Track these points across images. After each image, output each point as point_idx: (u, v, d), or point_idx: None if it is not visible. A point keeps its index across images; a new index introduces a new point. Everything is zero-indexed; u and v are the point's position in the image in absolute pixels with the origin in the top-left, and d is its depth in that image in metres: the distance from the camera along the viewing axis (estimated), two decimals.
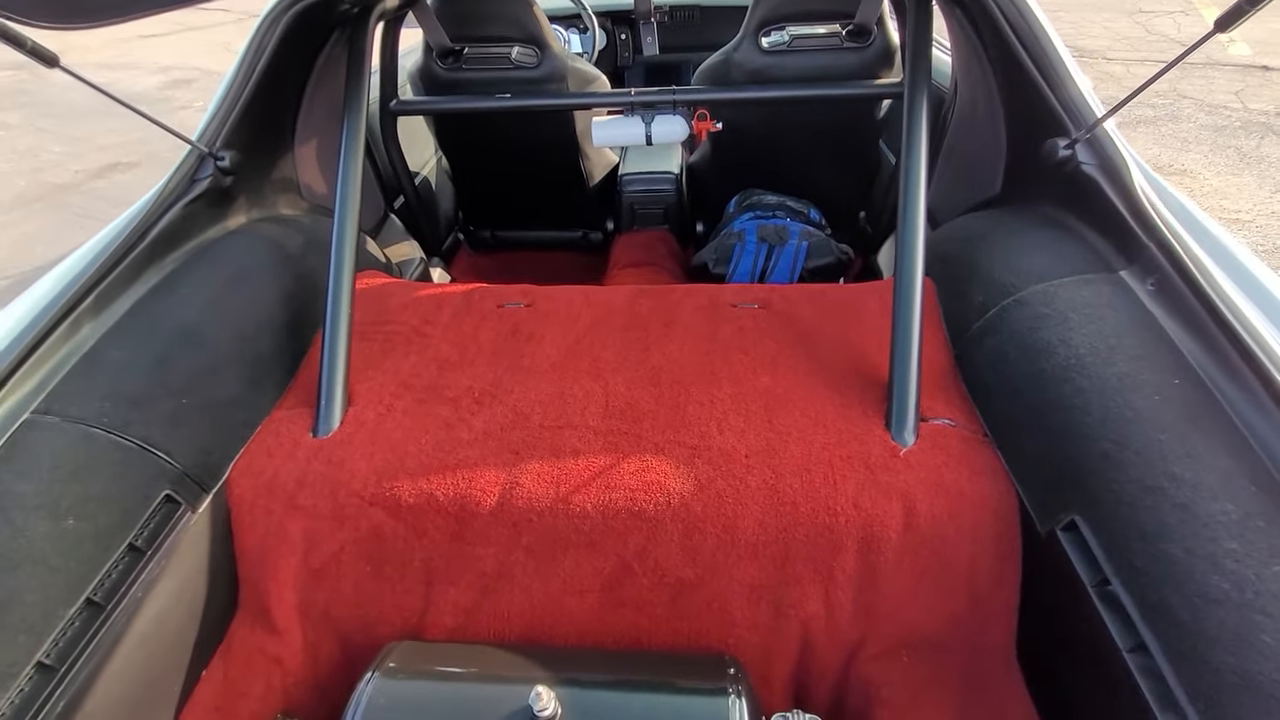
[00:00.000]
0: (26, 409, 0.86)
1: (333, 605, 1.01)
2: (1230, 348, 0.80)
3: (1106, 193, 1.06)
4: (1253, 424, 0.74)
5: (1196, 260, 0.90)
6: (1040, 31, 1.16)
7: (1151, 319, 0.91)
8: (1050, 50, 1.16)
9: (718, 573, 0.95)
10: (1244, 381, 0.77)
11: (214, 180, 1.25)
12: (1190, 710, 0.63)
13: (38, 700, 0.73)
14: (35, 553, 0.77)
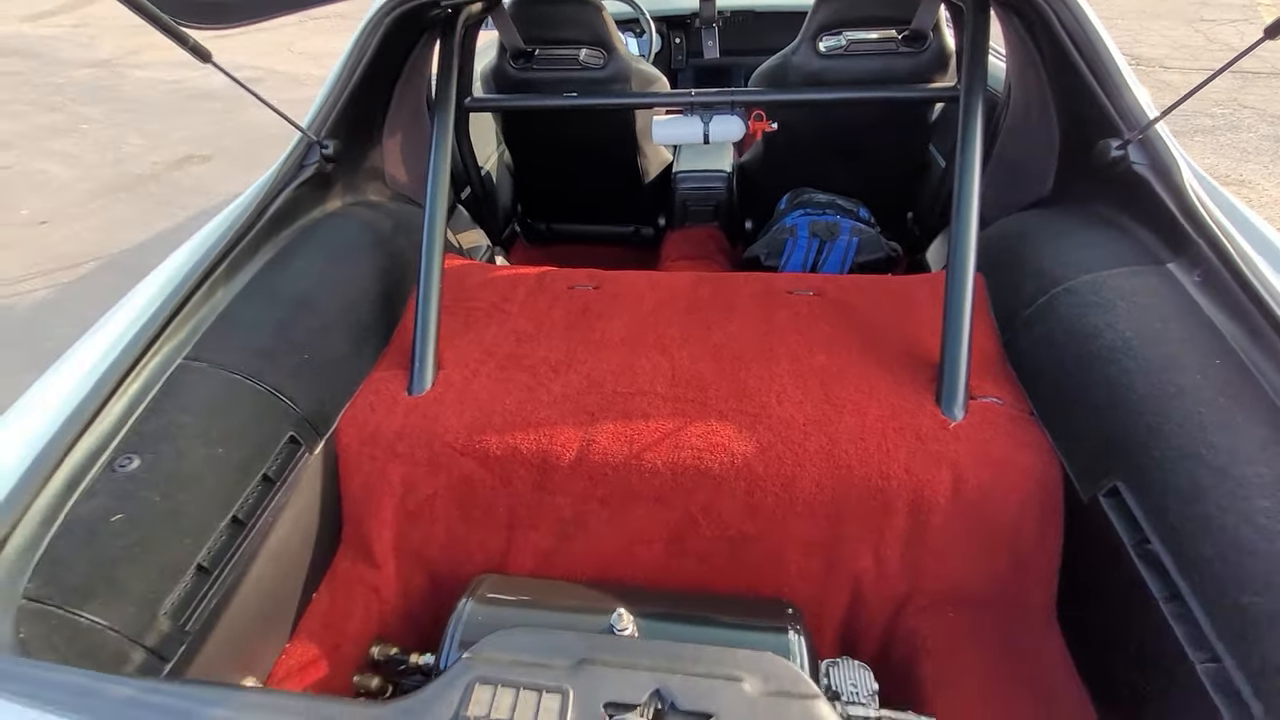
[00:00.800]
0: (179, 355, 0.99)
1: (425, 544, 1.12)
2: (1270, 331, 0.86)
3: (1157, 190, 1.11)
4: None
5: (1242, 253, 0.95)
6: (1096, 38, 1.22)
7: (1196, 307, 0.97)
8: (1105, 56, 1.22)
9: (775, 527, 1.03)
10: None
11: (318, 166, 1.39)
12: (1219, 646, 0.70)
13: (196, 596, 0.86)
14: (195, 473, 0.89)
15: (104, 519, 0.81)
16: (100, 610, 0.76)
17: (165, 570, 0.83)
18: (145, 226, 3.73)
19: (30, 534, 0.76)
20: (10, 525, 0.75)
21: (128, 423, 0.89)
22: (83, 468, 0.83)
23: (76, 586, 0.76)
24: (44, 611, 0.73)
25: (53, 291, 3.22)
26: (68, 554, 0.77)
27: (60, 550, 0.77)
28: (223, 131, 4.98)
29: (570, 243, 2.48)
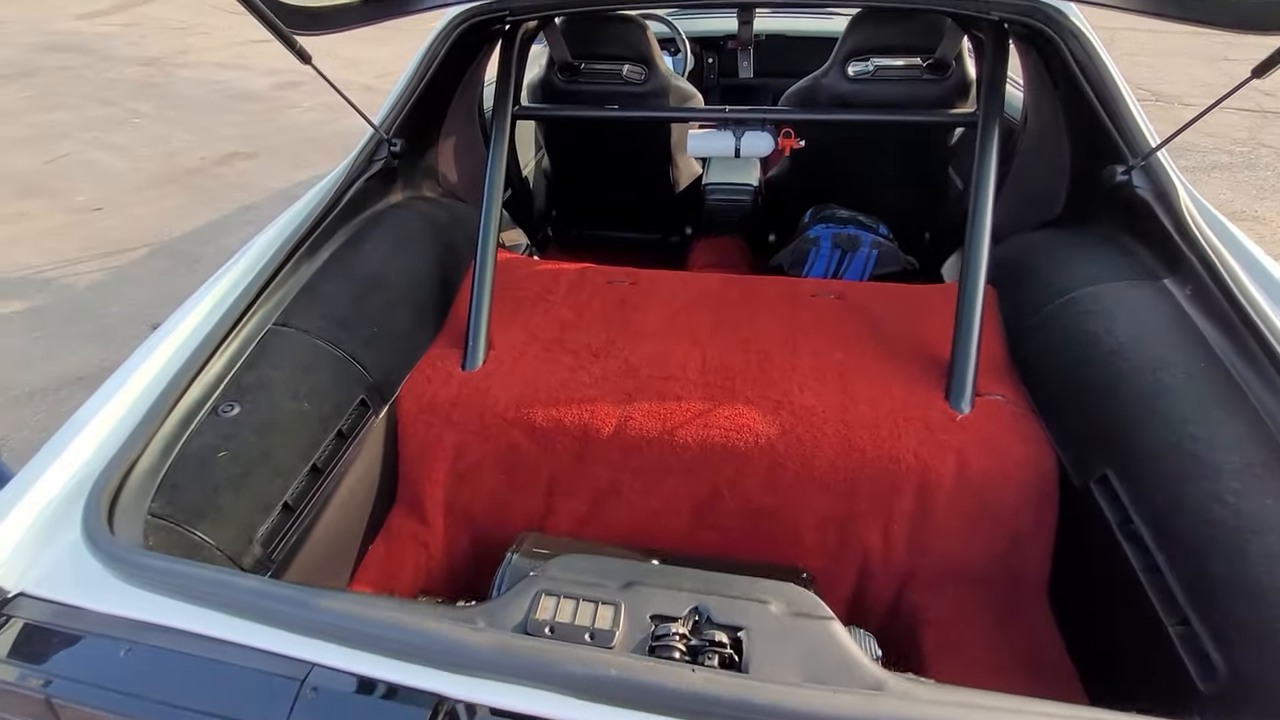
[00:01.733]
0: (270, 321, 1.12)
1: (471, 505, 1.23)
2: (1251, 340, 0.95)
3: (1156, 213, 1.22)
4: (1264, 400, 0.89)
5: (1230, 271, 1.05)
6: (1104, 70, 1.33)
7: (1187, 318, 1.06)
8: (1113, 87, 1.33)
9: (793, 503, 1.13)
10: (1260, 367, 0.92)
11: (386, 162, 1.52)
12: (1188, 610, 0.79)
13: (282, 530, 0.98)
14: (284, 423, 1.02)
15: (211, 455, 0.93)
16: (209, 530, 0.88)
17: (259, 503, 0.95)
18: (193, 217, 3.91)
19: (153, 462, 0.88)
20: (137, 454, 0.87)
21: (228, 375, 1.02)
22: (193, 411, 0.96)
23: (191, 508, 0.88)
24: (165, 527, 0.85)
25: (106, 274, 3.39)
26: (183, 481, 0.89)
27: (177, 478, 0.89)
28: (265, 131, 5.19)
29: (601, 247, 2.61)
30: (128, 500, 0.82)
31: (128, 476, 0.84)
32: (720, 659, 0.64)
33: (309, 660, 0.65)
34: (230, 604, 0.69)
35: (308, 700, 0.63)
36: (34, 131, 5.19)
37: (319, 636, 0.66)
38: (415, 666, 0.63)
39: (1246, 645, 0.73)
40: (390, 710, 0.62)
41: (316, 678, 0.64)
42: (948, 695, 0.59)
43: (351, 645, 0.65)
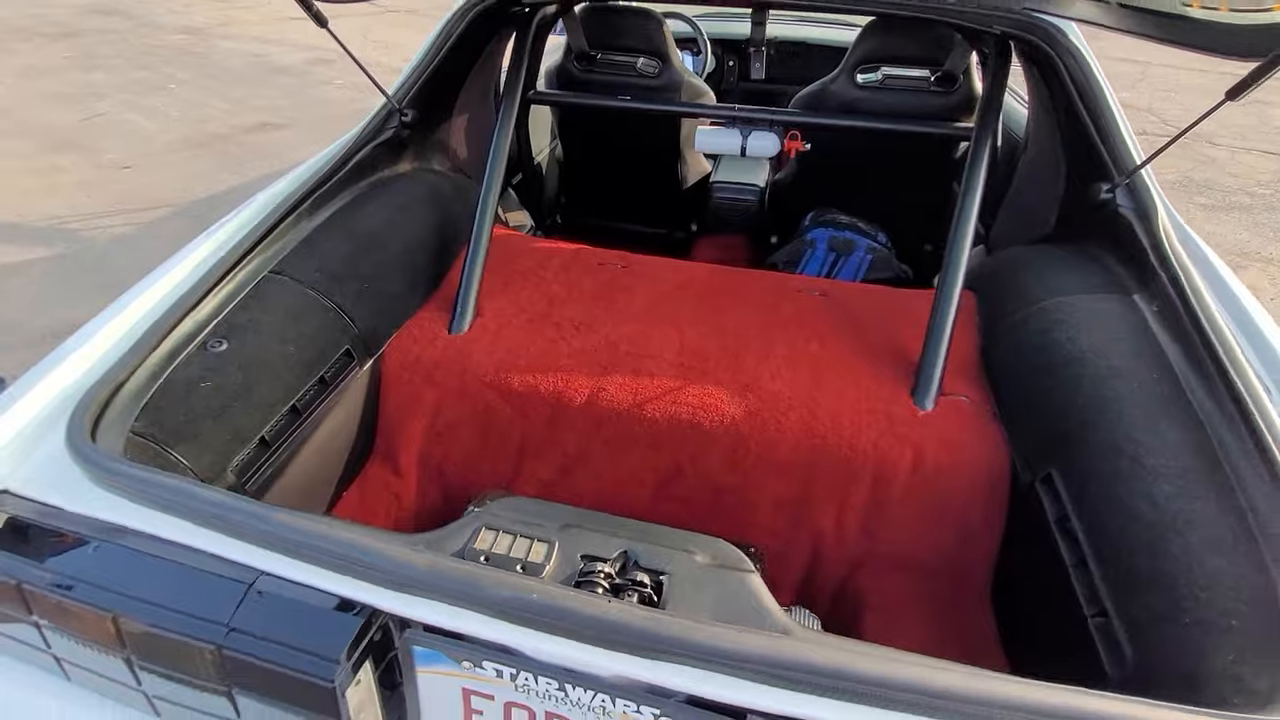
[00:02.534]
0: (266, 268, 1.17)
1: (444, 462, 1.28)
2: (1205, 356, 0.97)
3: (1135, 230, 1.24)
4: (1208, 411, 0.91)
5: (1195, 290, 1.07)
6: (1097, 88, 1.36)
7: (1149, 332, 1.09)
8: (1104, 105, 1.35)
9: (752, 483, 1.17)
10: (1209, 382, 0.94)
11: (396, 131, 1.58)
12: (1108, 603, 0.81)
13: (257, 463, 1.03)
14: (269, 361, 1.07)
15: (196, 384, 0.98)
16: (185, 452, 0.93)
17: (237, 435, 1.00)
18: (218, 182, 4.01)
19: (140, 385, 0.93)
20: (126, 376, 0.92)
21: (221, 315, 1.07)
22: (183, 343, 1.01)
23: (171, 430, 0.93)
24: (145, 445, 0.90)
25: (129, 229, 3.50)
26: (167, 405, 0.94)
27: (161, 401, 0.94)
28: (296, 104, 5.30)
29: (606, 237, 2.66)
30: (112, 416, 0.87)
31: (115, 395, 0.90)
32: (640, 597, 0.68)
33: (258, 568, 0.70)
34: (191, 512, 0.73)
35: (253, 602, 0.68)
36: (73, 89, 5.34)
37: (268, 547, 0.70)
38: (354, 580, 0.67)
39: (1152, 634, 0.75)
40: (328, 617, 0.67)
41: (263, 584, 0.69)
42: (848, 644, 0.62)
43: (296, 557, 0.69)
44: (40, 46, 6.27)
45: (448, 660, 0.67)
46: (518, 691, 0.66)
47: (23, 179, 3.89)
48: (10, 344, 2.54)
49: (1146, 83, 6.84)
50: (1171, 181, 4.71)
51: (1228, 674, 0.67)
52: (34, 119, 4.73)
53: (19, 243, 3.29)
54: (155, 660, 0.70)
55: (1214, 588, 0.73)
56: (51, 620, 0.74)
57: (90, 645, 0.73)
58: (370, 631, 0.67)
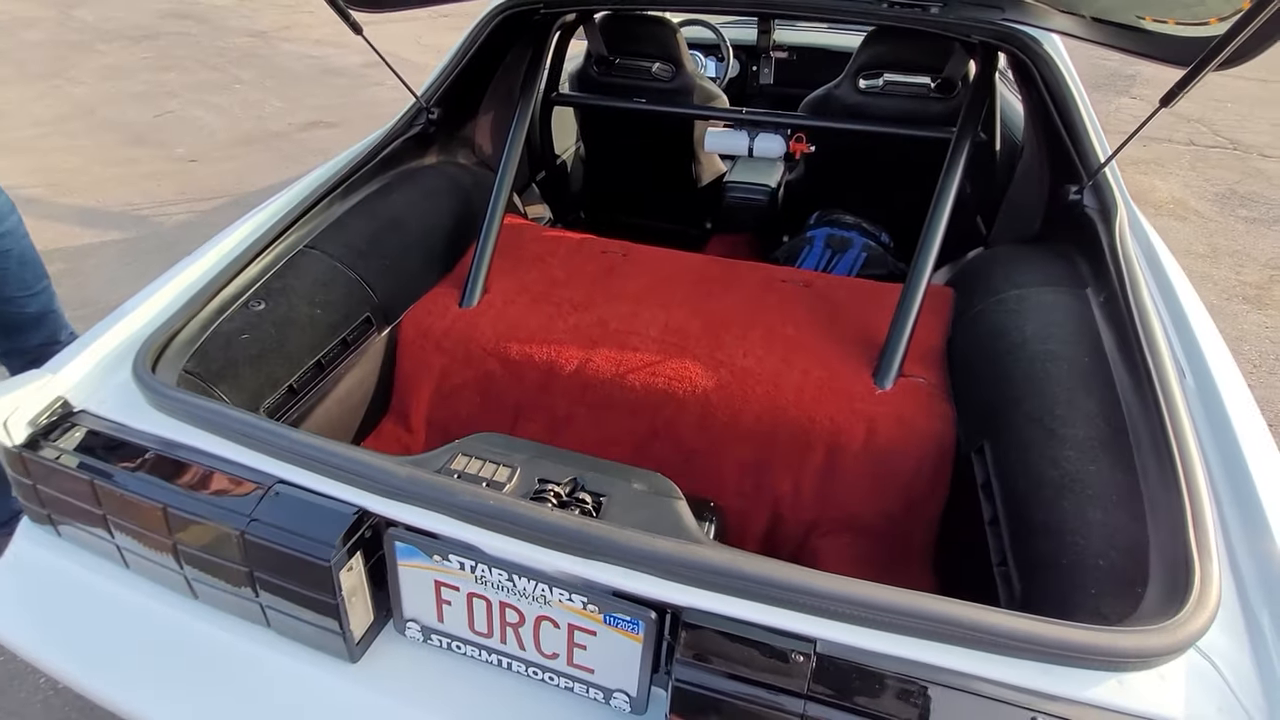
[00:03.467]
0: (302, 244, 1.35)
1: (449, 421, 1.44)
2: (1134, 342, 1.05)
3: (1097, 229, 1.31)
4: (1125, 389, 0.99)
5: (1136, 284, 1.14)
6: (1069, 94, 1.43)
7: (1091, 319, 1.17)
8: (1075, 110, 1.42)
9: (719, 448, 1.29)
10: (1133, 364, 1.02)
11: (423, 127, 1.75)
12: (1008, 550, 0.91)
13: (285, 407, 1.20)
14: (299, 321, 1.24)
15: (237, 336, 1.16)
16: (226, 391, 1.11)
17: (268, 381, 1.17)
18: (273, 175, 4.31)
19: (192, 333, 1.11)
20: (181, 325, 1.10)
21: (261, 280, 1.25)
22: (228, 302, 1.19)
23: (215, 371, 1.10)
24: (193, 381, 1.08)
25: (191, 216, 3.81)
26: (212, 351, 1.12)
27: (208, 348, 1.12)
28: (347, 105, 5.62)
29: (625, 233, 2.79)
30: (169, 357, 1.05)
31: (171, 340, 1.08)
32: (581, 511, 0.81)
33: (275, 475, 0.86)
34: (226, 430, 0.90)
35: (270, 500, 0.84)
36: (147, 88, 5.77)
37: (284, 459, 0.86)
38: (349, 487, 0.83)
39: (1037, 575, 0.85)
40: (328, 514, 0.82)
41: (280, 488, 0.85)
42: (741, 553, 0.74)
43: (306, 468, 0.85)
44: (122, 48, 6.77)
45: (422, 555, 0.81)
46: (477, 584, 0.80)
47: (102, 169, 4.27)
48: (85, 315, 2.82)
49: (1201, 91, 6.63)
50: (1216, 194, 4.60)
51: (1088, 604, 0.76)
52: (114, 115, 5.14)
53: (97, 226, 3.63)
54: (195, 546, 0.87)
55: (1091, 535, 0.82)
56: (115, 513, 0.91)
57: (144, 535, 0.91)
58: (361, 528, 0.82)
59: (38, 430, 0.94)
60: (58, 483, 0.94)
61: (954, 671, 0.66)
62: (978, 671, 0.66)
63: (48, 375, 1.00)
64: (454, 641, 0.86)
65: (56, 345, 1.77)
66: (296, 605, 0.85)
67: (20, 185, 3.91)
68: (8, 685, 1.59)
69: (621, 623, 0.75)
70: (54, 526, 1.01)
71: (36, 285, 1.67)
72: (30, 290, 1.65)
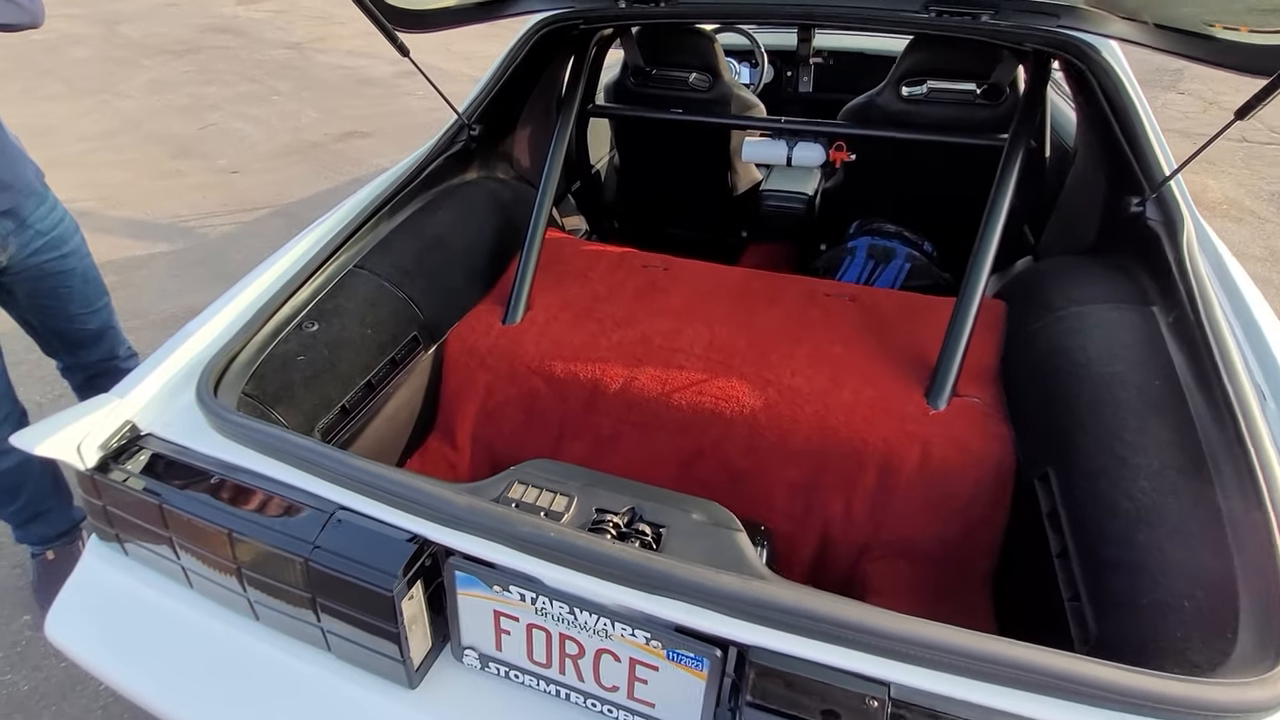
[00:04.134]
0: (351, 264, 1.37)
1: (494, 439, 1.44)
2: (1209, 365, 1.00)
3: (1161, 243, 1.26)
4: (1201, 415, 0.95)
5: (1208, 303, 1.10)
6: (1130, 103, 1.38)
7: (1161, 340, 1.12)
8: (1136, 119, 1.37)
9: (767, 469, 1.27)
10: (1208, 388, 0.98)
11: (465, 144, 1.76)
12: (1082, 588, 0.88)
13: (338, 427, 1.22)
14: (351, 341, 1.26)
15: (293, 358, 1.18)
16: (283, 413, 1.13)
17: (322, 402, 1.19)
18: (311, 184, 4.41)
19: (250, 356, 1.13)
20: (239, 349, 1.12)
21: (314, 301, 1.27)
22: (283, 324, 1.21)
23: (272, 394, 1.12)
24: (252, 404, 1.10)
25: (235, 227, 3.90)
26: (269, 373, 1.14)
27: (265, 370, 1.14)
28: (380, 114, 5.72)
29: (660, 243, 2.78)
30: (229, 380, 1.07)
31: (230, 364, 1.10)
32: (641, 543, 0.81)
33: (337, 501, 0.87)
34: (288, 456, 0.91)
35: (332, 528, 0.85)
36: (191, 101, 5.95)
37: (346, 487, 0.87)
38: (410, 516, 0.83)
39: (1114, 615, 0.81)
40: (389, 543, 0.83)
41: (341, 515, 0.86)
42: (811, 591, 0.73)
43: (368, 495, 0.86)
44: (164, 62, 6.99)
45: (482, 585, 0.81)
46: (537, 614, 0.80)
47: (150, 181, 4.40)
48: (139, 326, 2.92)
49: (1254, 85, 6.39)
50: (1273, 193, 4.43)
51: (1173, 649, 0.73)
52: (159, 128, 5.31)
53: (146, 238, 3.74)
54: (258, 570, 0.88)
55: (1172, 574, 0.79)
56: (181, 536, 0.93)
57: (209, 558, 0.92)
58: (421, 557, 0.83)
59: (108, 453, 0.97)
60: (126, 505, 0.96)
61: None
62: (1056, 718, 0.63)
63: (115, 399, 1.02)
64: (512, 670, 0.86)
65: (115, 360, 1.82)
66: (357, 631, 0.86)
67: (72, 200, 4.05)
68: (70, 690, 1.65)
69: (685, 659, 0.74)
70: (121, 545, 1.04)
71: (98, 302, 1.72)
72: (92, 307, 1.71)
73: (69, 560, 1.84)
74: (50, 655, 1.71)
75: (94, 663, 0.99)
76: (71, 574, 1.06)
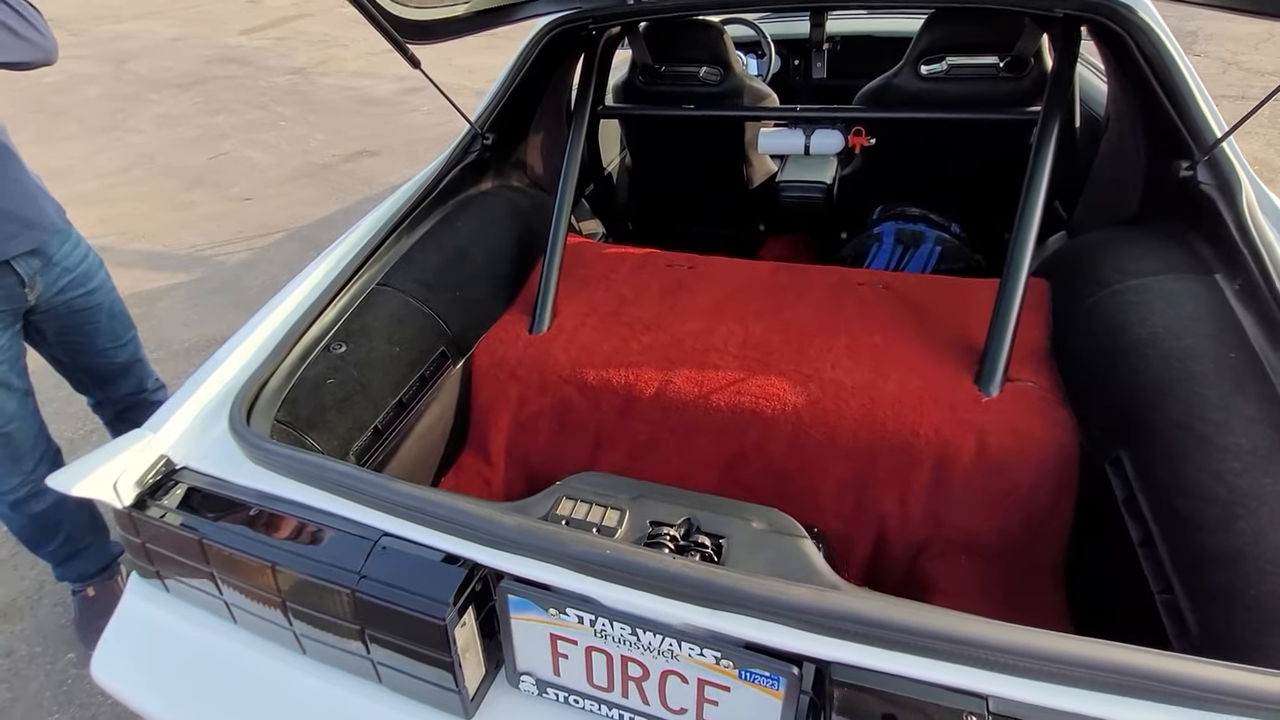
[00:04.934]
0: (375, 281, 1.35)
1: (529, 451, 1.41)
2: None
3: (1218, 207, 1.20)
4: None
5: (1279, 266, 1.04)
6: (1172, 63, 1.32)
7: (1229, 310, 1.06)
8: (1180, 81, 1.31)
9: (814, 468, 1.22)
10: None
11: (479, 154, 1.74)
12: (1174, 579, 0.82)
13: (372, 449, 1.19)
14: (379, 362, 1.23)
15: (323, 381, 1.15)
16: (317, 438, 1.10)
17: (356, 423, 1.16)
18: (323, 206, 4.43)
19: (280, 382, 1.11)
20: (269, 375, 1.10)
21: (340, 321, 1.25)
22: (311, 346, 1.19)
23: (305, 419, 1.10)
24: (285, 431, 1.07)
25: (251, 253, 3.93)
26: (301, 399, 1.11)
27: (296, 395, 1.11)
28: (387, 132, 5.74)
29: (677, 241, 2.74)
30: (260, 408, 1.05)
31: (260, 391, 1.07)
32: (701, 556, 0.76)
33: (380, 528, 0.84)
34: (328, 483, 0.88)
35: (378, 556, 0.81)
36: (201, 132, 6.01)
37: (389, 512, 0.84)
38: (458, 540, 0.80)
39: (1217, 608, 0.75)
40: (438, 569, 0.79)
41: (386, 541, 0.83)
42: (892, 600, 0.68)
43: (412, 520, 0.83)
44: (172, 95, 7.08)
45: (537, 608, 0.77)
46: (596, 636, 0.76)
47: (166, 214, 4.45)
48: (162, 357, 2.93)
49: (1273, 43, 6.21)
50: None
51: None
52: (172, 160, 5.37)
53: (164, 269, 3.77)
54: (303, 603, 0.85)
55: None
56: (222, 570, 0.91)
57: (252, 591, 0.90)
58: (472, 582, 0.79)
59: (144, 490, 0.95)
60: (165, 540, 0.94)
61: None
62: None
63: (149, 434, 1.00)
64: (571, 695, 0.82)
65: (144, 393, 1.82)
66: (409, 661, 0.82)
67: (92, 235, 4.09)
68: None
69: (759, 678, 0.69)
70: (162, 582, 1.02)
71: (125, 336, 1.72)
72: (119, 341, 1.70)
73: (109, 596, 1.84)
74: (97, 693, 1.70)
75: (141, 702, 0.97)
76: (114, 613, 1.05)
